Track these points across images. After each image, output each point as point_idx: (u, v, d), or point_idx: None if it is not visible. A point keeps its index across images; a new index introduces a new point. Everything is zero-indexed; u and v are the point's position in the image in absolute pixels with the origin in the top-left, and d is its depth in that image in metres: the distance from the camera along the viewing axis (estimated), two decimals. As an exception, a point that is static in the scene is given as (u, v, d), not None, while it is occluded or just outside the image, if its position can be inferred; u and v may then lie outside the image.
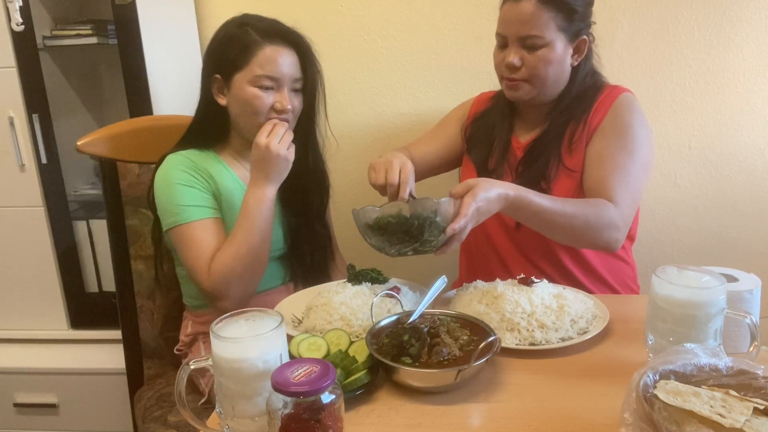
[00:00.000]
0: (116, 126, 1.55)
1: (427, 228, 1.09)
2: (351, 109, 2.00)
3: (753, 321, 0.92)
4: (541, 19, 1.29)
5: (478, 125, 1.52)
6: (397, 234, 1.10)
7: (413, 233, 1.09)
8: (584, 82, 1.40)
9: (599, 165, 1.33)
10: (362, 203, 1.11)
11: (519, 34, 1.31)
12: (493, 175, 1.43)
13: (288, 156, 1.27)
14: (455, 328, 1.01)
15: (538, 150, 1.40)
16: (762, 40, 1.80)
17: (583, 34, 1.35)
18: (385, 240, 1.11)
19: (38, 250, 1.89)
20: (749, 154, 1.89)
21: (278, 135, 1.26)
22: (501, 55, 1.37)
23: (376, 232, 1.13)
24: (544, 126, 1.42)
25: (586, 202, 1.28)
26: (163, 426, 1.38)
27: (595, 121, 1.38)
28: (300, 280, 1.46)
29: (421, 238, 1.09)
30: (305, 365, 0.77)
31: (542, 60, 1.32)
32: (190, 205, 1.30)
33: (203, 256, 1.27)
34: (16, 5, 1.67)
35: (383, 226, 1.11)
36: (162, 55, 1.80)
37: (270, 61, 1.30)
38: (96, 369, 1.92)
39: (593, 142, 1.37)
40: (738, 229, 1.95)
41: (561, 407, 0.90)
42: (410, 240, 1.10)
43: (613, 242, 1.28)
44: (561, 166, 1.37)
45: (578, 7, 1.31)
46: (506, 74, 1.36)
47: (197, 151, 1.37)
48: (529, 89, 1.36)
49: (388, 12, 1.92)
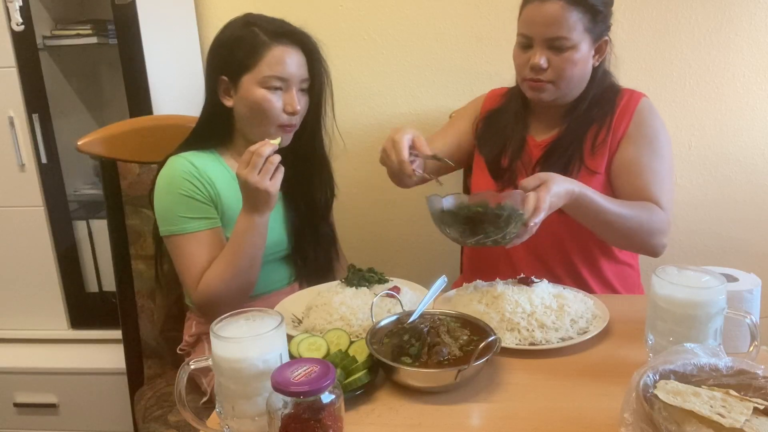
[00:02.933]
0: (116, 126, 1.55)
1: (513, 220, 1.09)
2: (351, 110, 2.00)
3: (753, 321, 0.92)
4: (569, 20, 1.28)
5: (490, 122, 1.51)
6: (484, 224, 1.10)
7: (500, 225, 1.09)
8: (602, 83, 1.41)
9: (637, 173, 1.35)
10: (362, 203, 1.12)
11: (546, 35, 1.29)
12: (506, 173, 1.43)
13: (269, 188, 1.18)
14: (455, 328, 1.01)
15: (560, 149, 1.39)
16: (762, 40, 1.80)
17: (605, 35, 1.35)
18: (468, 230, 1.11)
19: (38, 250, 1.89)
20: (749, 154, 1.89)
21: (256, 167, 1.17)
22: (524, 56, 1.34)
23: (459, 221, 1.12)
24: (563, 126, 1.41)
25: (640, 205, 1.29)
26: (164, 426, 1.38)
27: (620, 127, 1.38)
28: (305, 280, 1.46)
29: (506, 230, 1.09)
30: (305, 365, 0.77)
31: (569, 61, 1.31)
32: (187, 217, 1.30)
33: (193, 271, 1.29)
34: (16, 5, 1.67)
35: (471, 216, 1.11)
36: (162, 55, 1.80)
37: (279, 62, 1.29)
38: (96, 369, 1.92)
39: (623, 150, 1.37)
40: (738, 229, 1.95)
41: (561, 407, 0.90)
42: (495, 230, 1.10)
43: (660, 247, 1.31)
44: (583, 167, 1.38)
45: (602, 8, 1.31)
46: (530, 75, 1.34)
47: (200, 153, 1.36)
48: (554, 90, 1.35)
49: (388, 12, 1.92)
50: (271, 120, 1.31)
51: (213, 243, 1.31)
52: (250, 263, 1.27)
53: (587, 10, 1.29)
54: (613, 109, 1.40)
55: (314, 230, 1.48)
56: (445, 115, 1.79)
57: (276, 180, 1.20)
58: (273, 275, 1.41)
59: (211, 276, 1.27)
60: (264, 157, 1.18)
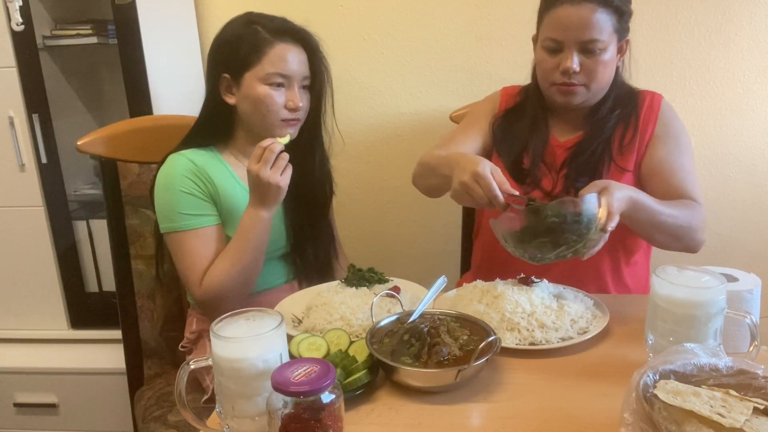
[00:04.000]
0: (116, 126, 1.55)
1: (593, 225, 1.06)
2: (351, 109, 2.00)
3: (753, 321, 0.92)
4: (600, 22, 1.27)
5: (508, 122, 1.48)
6: (565, 234, 1.06)
7: (581, 232, 1.06)
8: (622, 83, 1.42)
9: (670, 172, 1.35)
10: (362, 203, 1.12)
11: (580, 38, 1.28)
12: (529, 175, 1.41)
13: (280, 182, 1.22)
14: (455, 328, 1.01)
15: (589, 150, 1.38)
16: (762, 40, 1.80)
17: (627, 35, 1.36)
18: (549, 242, 1.07)
19: (38, 250, 1.89)
20: (749, 155, 1.89)
21: (268, 162, 1.21)
22: (554, 60, 1.33)
23: (539, 234, 1.08)
24: (587, 126, 1.41)
25: (682, 203, 1.30)
26: (164, 426, 1.38)
27: (647, 129, 1.39)
28: (303, 278, 1.46)
29: (587, 236, 1.06)
30: (305, 365, 0.77)
31: (601, 63, 1.30)
32: (188, 214, 1.30)
33: (196, 268, 1.29)
34: (16, 5, 1.67)
35: (551, 227, 1.07)
36: (162, 55, 1.80)
37: (281, 59, 1.30)
38: (96, 369, 1.92)
39: (653, 151, 1.38)
40: (738, 229, 1.95)
41: (561, 407, 0.90)
42: (577, 239, 1.06)
43: (702, 242, 1.32)
44: (613, 165, 1.38)
45: (626, 8, 1.32)
46: (561, 80, 1.33)
47: (199, 151, 1.37)
48: (585, 93, 1.34)
49: (388, 12, 1.92)
50: (273, 116, 1.32)
51: (215, 239, 1.32)
52: (255, 258, 1.29)
53: (615, 11, 1.29)
54: (636, 109, 1.40)
55: (313, 228, 1.48)
56: (445, 115, 1.78)
57: (286, 176, 1.24)
58: (271, 273, 1.41)
59: (215, 272, 1.28)
60: (276, 153, 1.22)
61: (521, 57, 1.41)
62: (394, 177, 2.05)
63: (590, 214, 1.06)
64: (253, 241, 1.27)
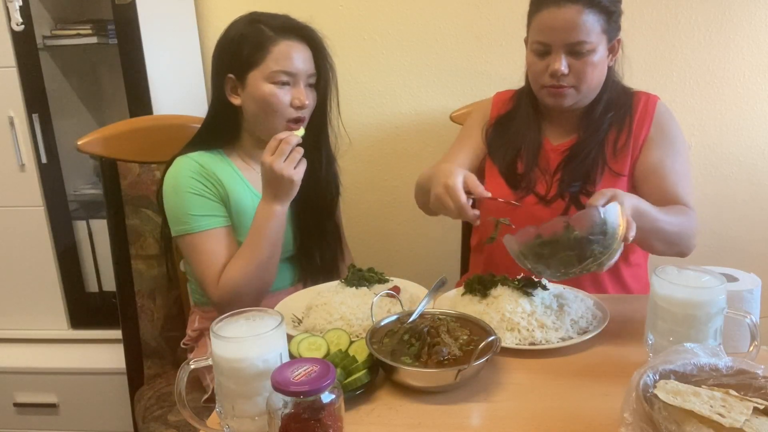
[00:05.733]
0: (116, 126, 1.55)
1: (617, 235, 1.03)
2: (351, 109, 2.00)
3: (753, 321, 0.92)
4: (587, 23, 1.27)
5: (501, 128, 1.48)
6: (592, 245, 1.03)
7: (607, 243, 1.03)
8: (615, 84, 1.41)
9: (663, 176, 1.35)
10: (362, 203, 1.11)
11: (567, 41, 1.28)
12: (523, 180, 1.40)
13: (293, 176, 1.21)
14: (455, 328, 1.01)
15: (583, 153, 1.38)
16: (762, 40, 1.80)
17: (617, 35, 1.35)
18: (574, 256, 1.04)
19: (38, 250, 1.89)
20: (749, 154, 1.89)
21: (283, 154, 1.20)
22: (542, 63, 1.32)
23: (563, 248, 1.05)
24: (580, 129, 1.40)
25: (676, 209, 1.29)
26: (164, 426, 1.38)
27: (641, 131, 1.38)
28: (309, 280, 1.45)
29: (612, 247, 1.03)
30: (305, 365, 0.77)
31: (590, 65, 1.30)
32: (199, 215, 1.30)
33: (212, 268, 1.28)
34: (16, 5, 1.67)
35: (578, 239, 1.04)
36: (162, 55, 1.80)
37: (285, 57, 1.29)
38: (96, 369, 1.92)
39: (647, 154, 1.38)
40: (738, 229, 1.95)
41: (561, 407, 0.90)
42: (603, 250, 1.03)
43: (692, 248, 1.32)
44: (607, 169, 1.37)
45: (614, 8, 1.31)
46: (550, 82, 1.32)
47: (206, 153, 1.36)
48: (575, 95, 1.34)
49: (388, 12, 1.92)
50: (279, 115, 1.31)
51: (228, 239, 1.31)
52: (271, 254, 1.27)
53: (602, 11, 1.28)
54: (630, 111, 1.40)
55: (320, 230, 1.47)
56: (445, 115, 1.78)
57: (300, 169, 1.22)
58: (277, 276, 1.41)
59: (231, 271, 1.26)
60: (291, 146, 1.21)
61: (521, 57, 1.41)
62: (393, 177, 2.05)
63: (615, 225, 1.04)
64: (268, 236, 1.26)
